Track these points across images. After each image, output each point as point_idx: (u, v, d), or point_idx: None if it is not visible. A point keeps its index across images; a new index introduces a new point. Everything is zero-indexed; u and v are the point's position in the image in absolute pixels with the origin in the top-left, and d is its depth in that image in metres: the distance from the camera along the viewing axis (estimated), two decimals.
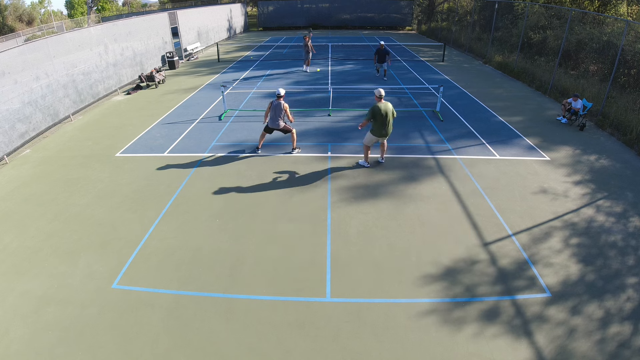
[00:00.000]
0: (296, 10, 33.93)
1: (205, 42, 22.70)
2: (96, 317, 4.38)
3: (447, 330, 4.17)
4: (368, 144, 7.44)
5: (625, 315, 4.32)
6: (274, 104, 7.76)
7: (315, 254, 5.34)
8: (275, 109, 7.76)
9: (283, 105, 7.73)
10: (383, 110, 6.88)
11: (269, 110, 7.85)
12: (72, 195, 6.89)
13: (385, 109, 6.90)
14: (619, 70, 10.56)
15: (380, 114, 6.89)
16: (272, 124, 7.88)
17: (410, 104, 11.77)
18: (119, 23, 13.96)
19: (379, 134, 7.10)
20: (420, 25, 31.61)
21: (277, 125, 7.84)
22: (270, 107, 7.82)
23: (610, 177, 7.37)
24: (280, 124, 7.85)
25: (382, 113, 6.88)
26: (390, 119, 7.00)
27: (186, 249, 5.48)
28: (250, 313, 4.42)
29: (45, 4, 54.02)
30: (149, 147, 8.80)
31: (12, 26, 41.51)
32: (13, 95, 8.73)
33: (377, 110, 6.87)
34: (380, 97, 6.95)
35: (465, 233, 5.76)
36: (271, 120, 7.85)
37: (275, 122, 7.82)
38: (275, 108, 7.76)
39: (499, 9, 17.65)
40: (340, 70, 16.69)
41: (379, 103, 6.92)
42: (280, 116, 7.78)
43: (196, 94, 13.16)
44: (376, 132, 7.09)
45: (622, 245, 5.48)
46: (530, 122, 10.17)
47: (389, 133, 7.19)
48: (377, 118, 6.94)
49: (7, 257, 5.37)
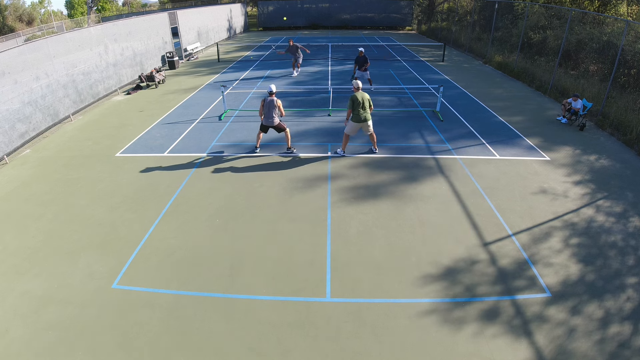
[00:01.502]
0: (296, 10, 33.92)
1: (205, 42, 22.70)
2: (96, 317, 4.38)
3: (447, 330, 4.17)
4: (349, 133, 8.00)
5: (625, 315, 4.32)
6: (267, 101, 7.81)
7: (315, 254, 5.34)
8: (269, 105, 7.81)
9: (276, 101, 7.78)
10: (360, 98, 7.67)
11: (262, 108, 7.87)
12: (72, 195, 6.89)
13: (362, 97, 7.69)
14: (619, 70, 10.55)
15: (358, 101, 7.66)
16: (266, 122, 7.92)
17: (410, 104, 11.77)
18: (119, 23, 13.95)
19: (357, 119, 7.70)
20: (420, 25, 31.60)
21: (272, 122, 7.89)
22: (263, 104, 7.85)
23: (610, 177, 7.37)
24: (275, 120, 7.90)
25: (360, 100, 7.66)
26: (366, 105, 7.74)
27: (186, 249, 5.48)
28: (250, 313, 4.42)
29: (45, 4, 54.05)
30: (149, 147, 8.80)
31: (12, 26, 41.51)
32: (13, 95, 8.72)
33: (354, 99, 7.67)
34: (357, 88, 7.84)
35: (465, 233, 5.76)
36: (265, 117, 7.88)
37: (269, 119, 7.87)
38: (268, 105, 7.81)
39: (499, 9, 17.64)
40: (340, 70, 16.69)
41: (356, 93, 7.74)
42: (275, 113, 7.84)
43: (196, 94, 13.16)
44: (355, 117, 7.72)
45: (622, 245, 5.48)
46: (530, 122, 10.17)
47: (368, 119, 7.76)
48: (355, 105, 7.67)
49: (7, 257, 5.37)
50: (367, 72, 12.68)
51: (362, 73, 12.62)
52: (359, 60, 12.56)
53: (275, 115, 7.88)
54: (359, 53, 12.53)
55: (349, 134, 8.03)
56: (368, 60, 12.62)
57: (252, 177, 7.36)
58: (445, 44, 19.62)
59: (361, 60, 12.51)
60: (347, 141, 8.14)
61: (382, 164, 7.87)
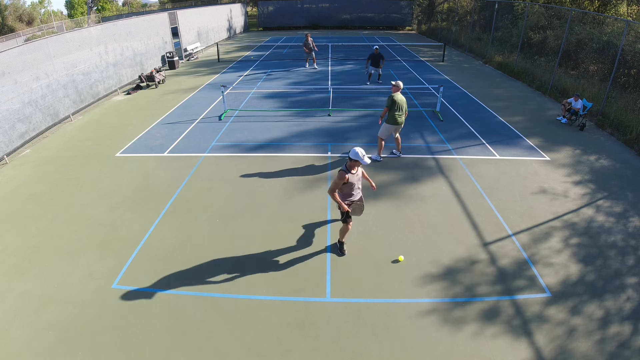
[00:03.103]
0: (296, 10, 33.90)
1: (205, 42, 22.70)
2: (96, 317, 4.38)
3: (447, 330, 4.17)
4: (383, 136, 7.67)
5: (625, 315, 4.32)
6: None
7: (315, 254, 5.34)
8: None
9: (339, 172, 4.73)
10: (400, 100, 7.27)
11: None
12: (72, 195, 6.89)
13: (401, 100, 7.31)
14: (619, 70, 10.55)
15: (398, 103, 7.26)
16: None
17: (410, 104, 11.76)
18: (119, 23, 13.95)
19: (394, 121, 7.36)
20: (420, 25, 31.60)
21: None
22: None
23: (610, 177, 7.37)
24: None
25: (399, 102, 7.26)
26: (404, 108, 7.40)
27: (186, 249, 5.48)
28: (250, 313, 4.42)
29: (45, 4, 54.04)
30: (149, 147, 8.80)
31: (12, 26, 41.51)
32: (13, 95, 8.72)
33: (395, 99, 7.23)
34: (398, 88, 7.34)
35: (465, 233, 5.75)
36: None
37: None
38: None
39: (499, 9, 17.64)
40: (340, 70, 16.69)
41: (396, 93, 7.30)
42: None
43: (196, 94, 13.16)
44: (391, 119, 7.36)
45: (622, 245, 5.48)
46: (530, 122, 10.16)
47: (403, 122, 7.48)
48: (394, 106, 7.26)
49: (7, 257, 5.37)
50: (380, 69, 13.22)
51: (375, 69, 13.17)
52: (374, 57, 13.09)
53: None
54: (375, 50, 13.03)
55: (383, 138, 7.63)
56: (384, 57, 13.14)
57: (252, 177, 7.36)
58: (445, 44, 19.62)
59: (376, 57, 13.03)
60: (382, 145, 7.76)
61: (382, 164, 7.86)
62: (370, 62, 13.39)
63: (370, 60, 13.38)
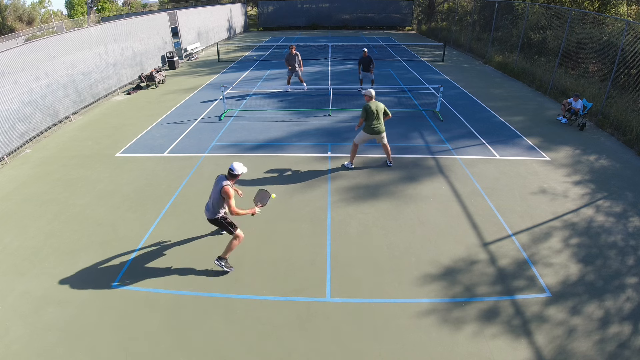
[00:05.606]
0: (296, 10, 33.92)
1: (205, 42, 22.70)
2: (96, 317, 4.38)
3: (447, 330, 4.17)
4: (358, 142, 7.51)
5: (625, 315, 4.32)
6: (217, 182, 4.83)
7: (315, 254, 5.34)
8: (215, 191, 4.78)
9: (226, 189, 4.66)
10: (374, 108, 7.16)
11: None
12: (72, 195, 6.89)
13: (376, 107, 7.18)
14: (619, 70, 10.55)
15: (372, 112, 7.16)
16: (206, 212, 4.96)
17: (410, 104, 11.77)
18: (119, 23, 13.96)
19: (370, 131, 7.26)
20: (420, 25, 31.61)
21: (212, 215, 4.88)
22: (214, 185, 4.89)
23: (610, 177, 7.37)
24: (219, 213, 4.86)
25: (374, 111, 7.16)
26: (381, 116, 7.24)
27: (186, 249, 5.48)
28: (250, 313, 4.42)
29: (45, 4, 54.00)
30: (149, 147, 8.80)
31: (12, 26, 41.51)
32: (13, 95, 8.72)
33: (368, 109, 7.16)
34: (370, 97, 7.26)
35: (465, 233, 5.76)
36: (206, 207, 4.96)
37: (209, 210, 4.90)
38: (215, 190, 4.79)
39: (499, 9, 17.64)
40: (340, 70, 16.69)
41: (370, 102, 7.23)
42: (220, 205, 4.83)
43: (196, 94, 13.16)
44: (368, 129, 7.27)
45: (622, 245, 5.48)
46: (530, 122, 10.17)
47: (381, 130, 7.31)
48: (369, 116, 7.18)
49: (7, 257, 5.37)
50: (372, 74, 12.22)
51: (366, 74, 12.22)
52: (364, 61, 12.08)
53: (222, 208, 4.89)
54: (363, 53, 12.08)
55: (358, 143, 7.48)
56: (373, 61, 12.11)
57: (252, 177, 7.36)
58: (445, 44, 19.62)
59: (365, 60, 12.02)
60: (355, 151, 7.56)
61: (382, 164, 7.87)
62: (362, 67, 12.25)
63: (361, 65, 12.19)
